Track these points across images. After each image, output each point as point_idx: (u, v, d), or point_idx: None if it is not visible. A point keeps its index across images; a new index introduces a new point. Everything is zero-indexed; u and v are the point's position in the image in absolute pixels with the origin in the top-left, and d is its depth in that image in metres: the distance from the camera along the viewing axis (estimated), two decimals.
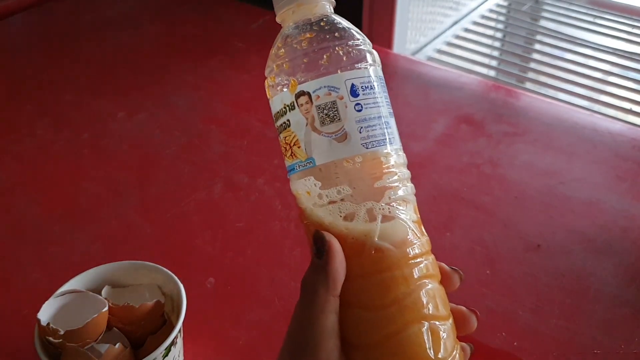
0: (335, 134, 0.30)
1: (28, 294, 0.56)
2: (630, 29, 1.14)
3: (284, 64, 0.31)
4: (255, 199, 0.68)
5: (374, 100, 0.31)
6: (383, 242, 0.29)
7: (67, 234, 0.63)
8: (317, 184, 0.31)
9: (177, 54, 0.98)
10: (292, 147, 0.31)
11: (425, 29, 1.11)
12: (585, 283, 0.58)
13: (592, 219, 0.65)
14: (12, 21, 1.09)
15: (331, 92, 0.30)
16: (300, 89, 0.31)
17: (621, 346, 0.52)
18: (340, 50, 0.31)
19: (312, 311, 0.29)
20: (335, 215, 0.30)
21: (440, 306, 0.31)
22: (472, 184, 0.70)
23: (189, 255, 0.61)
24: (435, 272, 0.32)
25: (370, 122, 0.30)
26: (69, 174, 0.72)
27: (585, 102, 0.97)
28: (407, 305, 0.29)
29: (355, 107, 0.30)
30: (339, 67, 0.31)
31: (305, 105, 0.30)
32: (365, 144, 0.30)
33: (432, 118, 0.82)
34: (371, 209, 0.30)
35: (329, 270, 0.29)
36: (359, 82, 0.31)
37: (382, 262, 0.29)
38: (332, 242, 0.29)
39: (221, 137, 0.78)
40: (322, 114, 0.30)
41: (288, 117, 0.31)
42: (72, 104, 0.85)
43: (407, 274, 0.30)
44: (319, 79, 0.30)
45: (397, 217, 0.30)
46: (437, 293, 0.31)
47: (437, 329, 0.30)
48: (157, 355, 0.43)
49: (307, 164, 0.31)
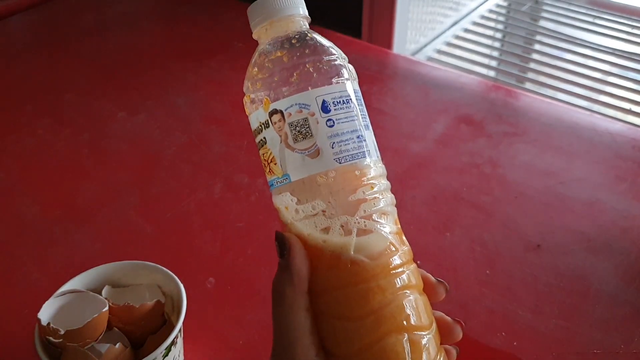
0: (307, 150, 0.30)
1: (28, 294, 0.57)
2: (630, 29, 1.15)
3: (258, 82, 0.32)
4: (255, 199, 0.68)
5: (346, 114, 0.31)
6: (358, 255, 0.30)
7: (67, 234, 0.63)
8: (293, 200, 0.31)
9: (177, 54, 0.98)
10: (270, 163, 0.32)
11: (425, 29, 1.11)
12: (585, 283, 0.58)
13: (592, 219, 0.65)
14: (12, 21, 1.09)
15: (302, 109, 0.30)
16: (273, 107, 0.31)
17: (621, 346, 0.52)
18: (310, 67, 0.31)
19: (282, 310, 0.30)
20: (313, 228, 0.30)
21: (422, 316, 0.31)
22: (472, 184, 0.70)
23: (189, 255, 0.61)
24: (416, 282, 0.31)
25: (342, 137, 0.31)
26: (69, 174, 0.72)
27: (585, 102, 0.97)
28: (385, 316, 0.29)
29: (327, 122, 0.31)
30: (309, 84, 0.31)
31: (278, 123, 0.31)
32: (337, 159, 0.30)
33: (432, 118, 0.82)
34: (346, 223, 0.30)
35: (292, 267, 0.30)
36: (330, 98, 0.31)
37: (358, 275, 0.30)
38: (292, 240, 0.30)
39: (221, 137, 0.78)
40: (295, 131, 0.31)
41: (264, 134, 0.32)
42: (72, 104, 0.85)
43: (384, 285, 0.30)
44: (290, 96, 0.31)
45: (374, 230, 0.30)
46: (418, 303, 0.31)
47: (417, 339, 0.30)
48: (157, 355, 0.43)
49: (283, 180, 0.31)
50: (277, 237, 0.31)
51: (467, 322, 0.34)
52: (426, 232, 0.63)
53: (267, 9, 0.33)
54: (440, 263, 0.60)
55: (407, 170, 0.72)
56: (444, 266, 0.59)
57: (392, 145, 0.76)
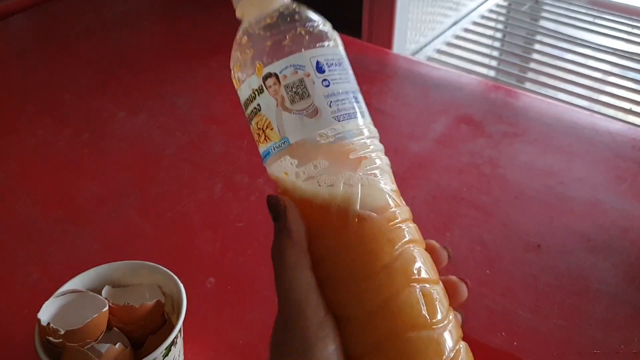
0: (305, 110, 0.31)
1: (28, 294, 0.56)
2: (630, 29, 1.15)
3: (247, 50, 0.32)
4: (255, 199, 0.68)
5: (340, 76, 0.32)
6: (364, 209, 0.30)
7: (67, 234, 0.63)
8: (293, 162, 0.31)
9: (177, 54, 0.98)
10: (265, 130, 0.32)
11: (425, 29, 1.11)
12: (585, 283, 0.58)
13: (592, 219, 0.65)
14: (12, 21, 1.09)
15: (297, 70, 0.31)
16: (267, 71, 0.31)
17: (621, 346, 0.52)
18: (302, 30, 0.32)
19: (285, 272, 0.29)
20: (317, 187, 0.30)
21: (430, 269, 0.31)
22: (472, 184, 0.70)
23: (189, 255, 0.61)
24: (419, 238, 0.32)
25: (339, 96, 0.31)
26: (69, 174, 0.72)
27: (585, 102, 0.97)
28: (396, 270, 0.29)
29: (323, 82, 0.31)
30: (302, 46, 0.31)
31: (273, 86, 0.31)
32: (336, 117, 0.31)
33: (432, 118, 0.82)
34: (349, 179, 0.30)
35: (289, 226, 0.29)
36: (323, 59, 0.31)
37: (366, 231, 0.30)
38: (285, 201, 0.30)
39: (221, 137, 0.78)
40: (291, 93, 0.31)
41: (258, 101, 0.32)
42: (72, 104, 0.85)
43: (392, 238, 0.30)
44: (284, 58, 0.31)
45: (376, 185, 0.31)
46: (424, 257, 0.31)
47: (429, 291, 0.30)
48: (157, 355, 0.43)
49: (281, 145, 0.31)
50: (269, 201, 0.30)
51: (467, 322, 0.33)
52: (426, 232, 0.63)
53: None
54: None
55: (407, 170, 0.72)
56: (444, 266, 0.59)
57: (392, 145, 0.75)
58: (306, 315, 0.28)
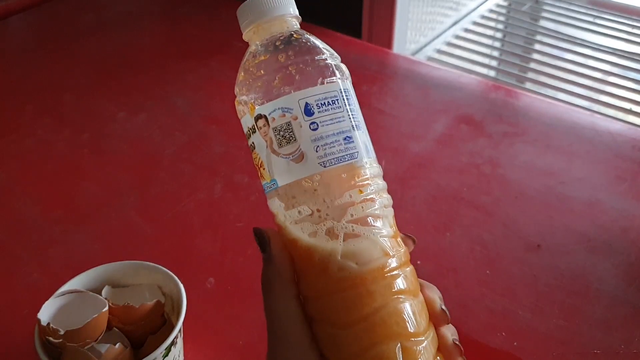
0: (292, 154, 0.30)
1: (28, 294, 0.56)
2: (630, 29, 1.15)
3: (244, 87, 0.32)
4: (255, 199, 0.68)
5: (332, 116, 0.30)
6: (346, 260, 0.29)
7: (67, 234, 0.63)
8: (281, 205, 0.31)
9: (177, 54, 0.98)
10: (260, 168, 0.32)
11: (425, 29, 1.11)
12: (585, 283, 0.58)
13: (592, 219, 0.65)
14: (12, 21, 1.09)
15: (285, 113, 0.30)
16: (258, 112, 0.31)
17: (621, 346, 0.52)
18: (293, 70, 0.31)
19: (271, 300, 0.30)
20: (300, 233, 0.30)
21: (416, 321, 0.30)
22: (472, 184, 0.70)
23: (189, 255, 0.61)
24: (411, 287, 0.30)
25: (327, 139, 0.30)
26: (69, 174, 0.72)
27: (585, 102, 0.97)
28: (376, 323, 0.28)
29: (310, 126, 0.30)
30: (291, 87, 0.30)
31: (263, 128, 0.30)
32: (322, 163, 0.30)
33: (432, 118, 0.82)
34: (332, 228, 0.29)
35: (274, 257, 0.30)
36: (313, 100, 0.30)
37: (346, 281, 0.29)
38: (269, 232, 0.31)
39: (221, 137, 0.78)
40: (279, 136, 0.30)
41: (252, 139, 0.31)
42: (72, 104, 0.85)
43: (374, 291, 0.29)
44: (273, 101, 0.30)
45: (363, 234, 0.30)
46: (413, 308, 0.30)
47: (411, 346, 0.29)
48: (157, 355, 0.43)
49: (272, 185, 0.31)
50: (255, 233, 0.31)
51: (467, 322, 0.33)
52: (426, 232, 0.63)
53: (254, 11, 0.32)
54: (441, 263, 0.60)
55: (407, 170, 0.72)
56: (444, 266, 0.59)
57: (392, 145, 0.76)
58: (290, 345, 0.29)
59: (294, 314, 0.29)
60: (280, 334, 0.29)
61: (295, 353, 0.29)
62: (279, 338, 0.29)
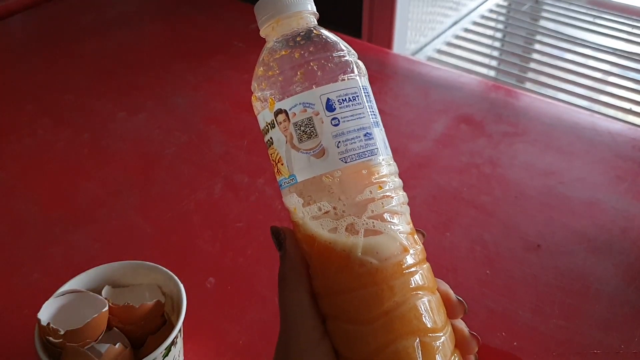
0: (313, 150, 0.30)
1: (28, 294, 0.56)
2: (630, 29, 1.15)
3: (263, 82, 0.32)
4: (255, 199, 0.68)
5: (352, 112, 0.30)
6: (366, 256, 0.29)
7: (67, 234, 0.63)
8: (299, 201, 0.31)
9: (177, 54, 0.98)
10: (277, 164, 0.31)
11: (425, 29, 1.11)
12: (585, 283, 0.58)
13: (592, 219, 0.65)
14: (12, 21, 1.09)
15: (307, 108, 0.30)
16: (278, 107, 0.31)
17: (621, 346, 0.52)
18: (315, 65, 0.31)
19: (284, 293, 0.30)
20: (320, 229, 0.30)
21: (435, 317, 0.30)
22: (472, 184, 0.70)
23: (189, 255, 0.61)
24: (429, 283, 0.31)
25: (348, 135, 0.30)
26: (69, 174, 0.72)
27: (585, 102, 0.97)
28: (396, 319, 0.29)
29: (332, 121, 0.30)
30: (313, 82, 0.30)
31: (283, 123, 0.30)
32: (343, 159, 0.30)
33: (432, 118, 0.82)
34: (352, 224, 0.29)
35: (289, 253, 0.31)
36: (335, 96, 0.30)
37: (367, 277, 0.29)
38: (285, 230, 0.32)
39: (221, 137, 0.78)
40: (299, 131, 0.30)
41: (270, 134, 0.31)
42: (72, 104, 0.85)
43: (394, 287, 0.29)
44: (294, 96, 0.30)
45: (383, 230, 0.30)
46: (431, 304, 0.30)
47: (429, 341, 0.29)
48: (157, 355, 0.43)
49: (290, 181, 0.31)
50: (272, 231, 0.31)
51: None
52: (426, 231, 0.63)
53: (274, 6, 0.32)
54: (440, 263, 0.60)
55: (407, 170, 0.72)
56: (444, 266, 0.59)
57: (392, 145, 0.75)
58: (299, 338, 0.29)
59: (307, 307, 0.30)
60: (292, 324, 0.30)
61: (304, 345, 0.29)
62: (290, 329, 0.30)
